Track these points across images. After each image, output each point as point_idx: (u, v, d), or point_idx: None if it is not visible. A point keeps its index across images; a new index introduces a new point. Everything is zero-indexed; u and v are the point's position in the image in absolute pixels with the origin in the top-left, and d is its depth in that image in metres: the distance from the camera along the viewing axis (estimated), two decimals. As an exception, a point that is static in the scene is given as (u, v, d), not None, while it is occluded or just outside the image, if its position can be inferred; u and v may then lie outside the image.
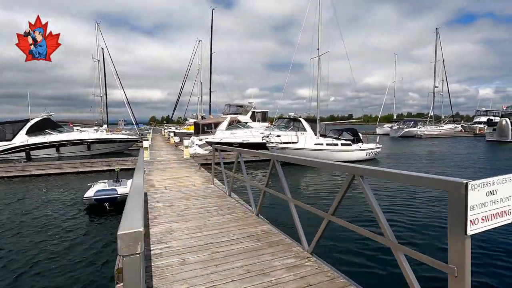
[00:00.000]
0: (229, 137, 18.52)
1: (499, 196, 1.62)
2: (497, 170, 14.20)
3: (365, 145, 17.02)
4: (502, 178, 1.63)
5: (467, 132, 45.45)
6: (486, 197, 1.57)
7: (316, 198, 9.43)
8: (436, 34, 44.64)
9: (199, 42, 40.79)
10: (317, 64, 16.82)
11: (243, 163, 5.28)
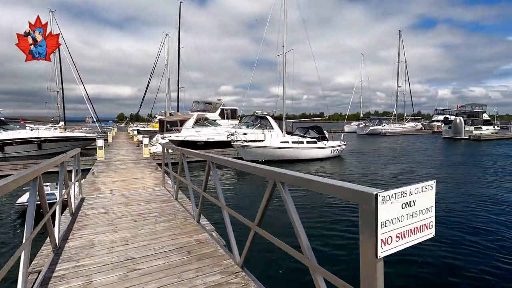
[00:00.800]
0: (194, 135, 17.87)
1: (418, 208, 1.37)
2: (452, 165, 15.02)
3: (330, 142, 17.22)
4: (422, 186, 1.38)
5: (427, 130, 48.25)
6: (402, 209, 1.31)
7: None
8: (399, 37, 46.82)
9: (166, 36, 39.26)
10: (283, 61, 16.70)
11: (186, 164, 4.83)
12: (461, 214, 7.24)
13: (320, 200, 8.29)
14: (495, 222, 6.69)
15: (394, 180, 11.20)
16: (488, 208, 7.68)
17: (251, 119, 20.70)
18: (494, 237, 5.83)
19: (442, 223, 6.55)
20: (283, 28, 16.56)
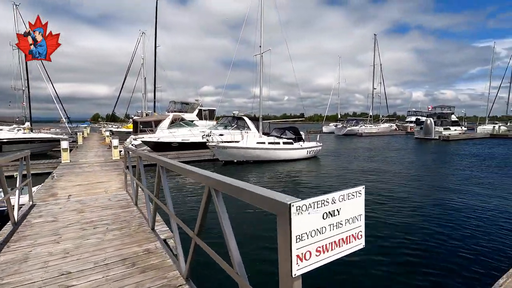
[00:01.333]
0: (168, 136, 17.37)
1: (344, 217, 1.24)
2: (421, 164, 15.57)
3: (306, 143, 17.31)
4: (348, 193, 1.25)
5: (401, 130, 50.07)
6: (323, 220, 1.18)
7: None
8: (375, 40, 48.29)
9: (142, 34, 38.12)
10: (260, 61, 16.61)
11: (143, 168, 4.55)
12: (422, 213, 7.43)
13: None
14: (454, 219, 6.91)
15: (366, 180, 11.39)
16: (447, 207, 7.95)
17: (228, 119, 20.48)
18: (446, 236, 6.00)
19: (405, 221, 6.69)
20: (260, 28, 16.48)
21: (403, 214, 7.43)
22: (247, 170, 13.76)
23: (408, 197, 8.93)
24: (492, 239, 5.90)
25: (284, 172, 13.41)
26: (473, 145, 28.22)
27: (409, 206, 8.05)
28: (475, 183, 11.01)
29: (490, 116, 53.32)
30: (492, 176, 12.26)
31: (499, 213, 7.42)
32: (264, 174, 13.02)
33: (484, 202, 8.41)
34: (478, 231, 6.35)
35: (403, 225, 6.64)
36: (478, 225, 6.63)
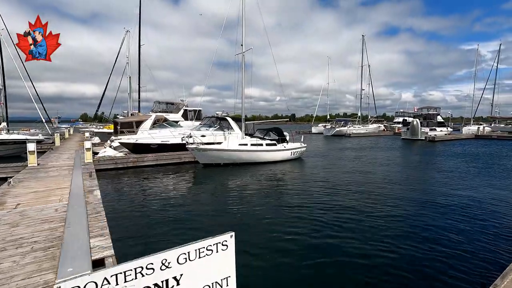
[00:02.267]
0: (147, 137, 16.74)
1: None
2: (407, 166, 15.40)
3: (290, 144, 16.95)
4: (200, 247, 0.81)
5: (389, 131, 50.46)
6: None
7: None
8: (363, 41, 48.46)
9: (127, 32, 37.18)
10: (242, 60, 16.14)
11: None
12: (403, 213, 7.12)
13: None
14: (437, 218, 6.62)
15: (347, 181, 11.07)
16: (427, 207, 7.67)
17: (211, 120, 19.96)
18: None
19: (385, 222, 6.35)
20: (242, 27, 16.03)
21: (384, 216, 7.14)
22: (228, 173, 13.29)
23: (388, 199, 8.65)
24: (480, 240, 5.71)
25: (266, 174, 13.00)
26: (458, 145, 28.46)
27: (390, 208, 7.74)
28: (458, 184, 10.83)
29: (476, 117, 54.36)
30: (474, 177, 12.12)
31: (482, 214, 7.18)
32: (245, 177, 12.57)
33: (467, 202, 8.18)
34: (464, 233, 6.18)
35: (385, 227, 6.37)
36: (462, 227, 6.37)
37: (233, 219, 7.09)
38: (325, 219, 7.04)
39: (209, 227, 6.49)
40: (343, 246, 5.52)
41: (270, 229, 6.43)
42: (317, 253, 5.21)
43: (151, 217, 7.23)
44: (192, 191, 10.14)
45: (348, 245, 5.54)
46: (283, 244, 5.63)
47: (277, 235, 6.05)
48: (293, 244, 5.62)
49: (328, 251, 5.30)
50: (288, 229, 6.40)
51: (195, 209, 7.90)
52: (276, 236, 6.02)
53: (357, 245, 5.55)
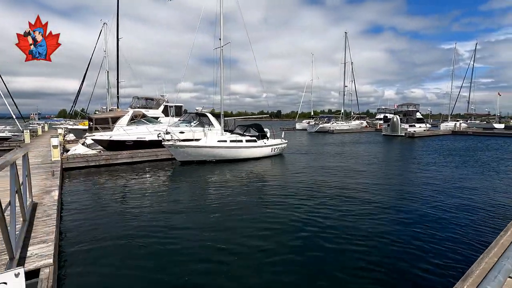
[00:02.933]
0: (122, 134, 16.04)
1: None
2: (385, 161, 15.53)
3: (270, 141, 16.73)
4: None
5: (371, 127, 51.34)
6: None
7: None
8: (345, 38, 48.88)
9: (104, 25, 35.72)
10: (220, 55, 15.68)
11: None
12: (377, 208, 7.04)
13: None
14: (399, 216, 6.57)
15: (324, 177, 10.96)
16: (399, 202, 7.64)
17: (191, 116, 19.45)
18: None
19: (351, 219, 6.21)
20: (220, 21, 15.55)
21: (360, 210, 7.10)
22: (206, 170, 12.91)
23: (365, 193, 8.58)
24: (449, 236, 5.65)
25: (245, 171, 12.72)
26: (436, 141, 29.24)
27: (366, 202, 7.65)
28: (432, 177, 10.95)
29: (453, 114, 56.26)
30: (448, 170, 12.33)
31: (453, 208, 7.21)
32: (224, 174, 12.24)
33: (438, 196, 8.22)
34: (435, 227, 6.15)
35: (360, 221, 6.26)
36: (434, 220, 6.33)
37: (209, 219, 6.75)
38: (302, 215, 6.92)
39: (181, 229, 6.12)
40: (319, 242, 5.42)
41: (248, 227, 6.20)
42: (293, 252, 5.07)
43: (116, 218, 6.79)
44: (167, 189, 9.71)
45: (324, 240, 5.46)
46: (259, 242, 5.40)
47: (254, 233, 5.83)
48: (269, 242, 5.44)
49: (304, 249, 5.17)
50: (265, 225, 6.25)
51: (168, 209, 7.51)
52: (252, 234, 5.78)
53: (333, 240, 5.48)
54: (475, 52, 51.82)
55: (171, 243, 5.38)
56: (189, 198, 8.62)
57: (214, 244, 5.30)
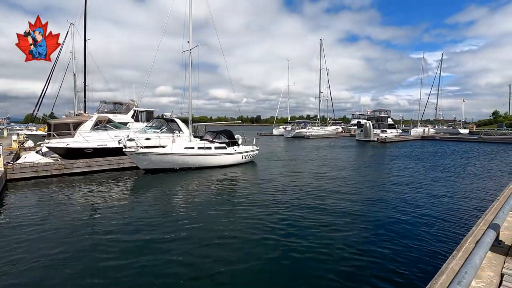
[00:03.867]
0: (80, 141, 14.92)
1: None
2: (356, 166, 15.53)
3: (241, 147, 16.25)
4: None
5: (346, 133, 52.38)
6: None
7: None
8: (321, 45, 49.82)
9: (70, 25, 33.91)
10: (189, 58, 15.09)
11: None
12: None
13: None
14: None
15: (293, 184, 10.62)
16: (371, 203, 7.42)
17: (159, 122, 18.61)
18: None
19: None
20: (189, 23, 14.98)
21: (326, 219, 6.91)
22: (171, 180, 12.16)
23: (333, 201, 8.34)
24: (416, 240, 5.54)
25: (213, 180, 12.11)
26: (406, 146, 30.14)
27: (333, 210, 7.38)
28: (400, 184, 10.95)
29: (424, 120, 58.85)
30: (415, 176, 12.44)
31: (415, 210, 7.07)
32: (190, 183, 11.55)
33: (403, 198, 8.11)
34: (399, 231, 6.10)
35: (325, 231, 6.19)
36: (395, 231, 6.11)
37: (170, 234, 6.13)
38: (267, 223, 6.72)
39: (135, 249, 5.43)
40: (283, 251, 5.29)
41: (213, 241, 5.80)
42: (255, 261, 4.86)
43: (51, 237, 5.97)
44: (126, 201, 8.90)
45: (287, 250, 5.33)
46: (222, 254, 5.01)
47: (221, 246, 5.48)
48: (231, 253, 5.22)
49: (267, 259, 5.01)
50: (229, 238, 5.96)
51: (124, 224, 6.78)
52: (219, 246, 5.34)
53: (297, 249, 5.38)
54: (441, 61, 54.77)
55: (121, 267, 4.70)
56: (148, 212, 7.89)
57: (177, 261, 4.72)
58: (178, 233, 6.22)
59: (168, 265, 4.78)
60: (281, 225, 6.63)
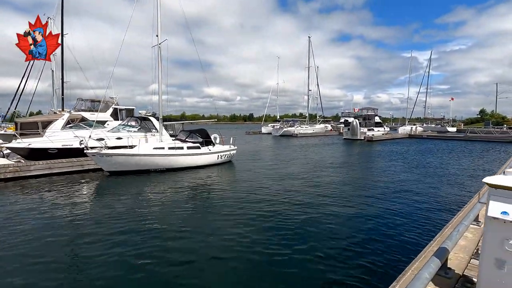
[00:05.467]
0: (43, 141, 14.03)
1: None
2: (338, 166, 15.01)
3: (217, 147, 15.56)
4: None
5: (335, 131, 52.11)
6: None
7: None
8: (309, 43, 49.26)
9: (48, 19, 32.56)
10: (158, 53, 14.28)
11: None
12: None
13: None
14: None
15: (268, 187, 10.02)
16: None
17: (133, 121, 17.80)
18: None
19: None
20: (157, 16, 14.17)
21: (305, 219, 6.65)
22: (138, 182, 11.40)
23: (310, 201, 7.81)
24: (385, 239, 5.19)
25: (184, 182, 11.40)
26: (392, 144, 29.89)
27: (310, 212, 6.80)
28: (382, 182, 10.46)
29: (414, 118, 59.08)
30: (398, 175, 11.97)
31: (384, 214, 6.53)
32: (158, 186, 10.81)
33: (381, 203, 7.58)
34: (369, 236, 5.66)
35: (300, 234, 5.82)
36: (369, 231, 5.58)
37: (131, 245, 5.46)
38: (235, 229, 6.31)
39: (89, 264, 4.74)
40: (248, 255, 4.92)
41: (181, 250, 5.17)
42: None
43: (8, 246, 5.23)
44: (84, 207, 8.13)
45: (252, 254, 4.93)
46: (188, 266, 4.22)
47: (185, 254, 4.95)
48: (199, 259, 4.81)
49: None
50: (200, 245, 5.43)
51: (80, 234, 6.10)
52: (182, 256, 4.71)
53: (263, 252, 5.13)
54: (430, 60, 54.86)
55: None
56: (103, 218, 7.16)
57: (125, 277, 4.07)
58: (126, 246, 5.53)
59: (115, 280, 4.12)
60: (244, 230, 6.17)
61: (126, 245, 5.61)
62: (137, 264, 4.83)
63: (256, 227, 6.52)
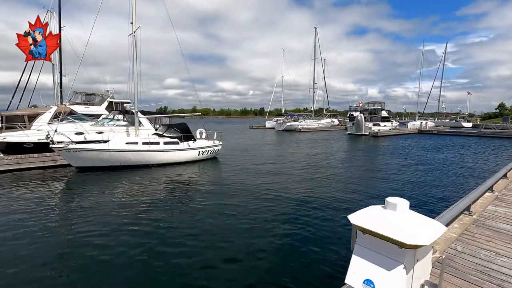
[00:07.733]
0: (19, 135, 13.67)
1: None
2: (331, 166, 13.98)
3: (198, 142, 14.76)
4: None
5: (341, 126, 50.42)
6: None
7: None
8: (315, 34, 47.48)
9: (47, 12, 32.51)
10: (133, 42, 13.52)
11: None
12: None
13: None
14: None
15: (247, 189, 9.18)
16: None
17: (116, 114, 17.30)
18: None
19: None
20: (133, 3, 13.36)
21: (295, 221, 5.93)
22: (107, 180, 10.75)
23: (296, 200, 6.91)
24: None
25: (157, 180, 10.66)
26: (398, 141, 28.26)
27: (297, 211, 5.94)
28: (367, 183, 9.41)
29: (427, 113, 56.47)
30: (401, 175, 10.86)
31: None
32: (128, 184, 10.13)
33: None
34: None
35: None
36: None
37: (88, 250, 4.78)
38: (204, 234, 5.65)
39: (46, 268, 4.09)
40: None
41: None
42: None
43: None
44: (40, 206, 7.56)
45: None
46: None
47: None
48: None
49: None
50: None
51: (35, 236, 5.51)
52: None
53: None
54: (445, 53, 51.90)
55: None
56: (62, 218, 6.54)
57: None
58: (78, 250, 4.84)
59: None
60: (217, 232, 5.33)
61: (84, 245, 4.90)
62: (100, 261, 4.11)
63: (220, 226, 5.71)
